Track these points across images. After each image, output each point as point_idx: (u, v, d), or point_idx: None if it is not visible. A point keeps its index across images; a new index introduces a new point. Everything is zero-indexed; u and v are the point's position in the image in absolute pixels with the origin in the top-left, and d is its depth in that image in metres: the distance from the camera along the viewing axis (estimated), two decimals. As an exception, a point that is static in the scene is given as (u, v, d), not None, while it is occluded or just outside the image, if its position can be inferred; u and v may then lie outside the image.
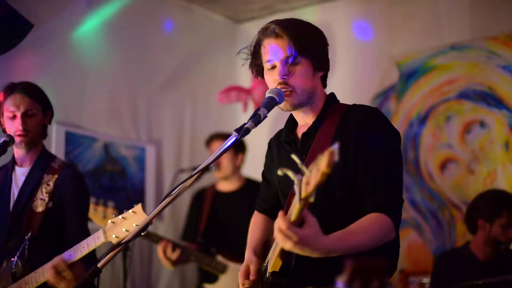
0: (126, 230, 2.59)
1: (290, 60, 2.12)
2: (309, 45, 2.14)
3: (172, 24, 5.23)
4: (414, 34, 4.92)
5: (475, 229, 3.61)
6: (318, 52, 2.19)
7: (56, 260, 2.68)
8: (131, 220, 2.60)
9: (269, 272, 2.14)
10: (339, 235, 1.94)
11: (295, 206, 1.73)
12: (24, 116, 2.97)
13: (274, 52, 2.15)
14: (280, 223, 1.77)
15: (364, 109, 2.21)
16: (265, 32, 2.18)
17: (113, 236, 2.60)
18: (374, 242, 2.01)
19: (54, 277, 2.66)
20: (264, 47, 2.19)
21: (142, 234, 2.67)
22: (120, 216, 2.63)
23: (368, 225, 2.02)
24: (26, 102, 2.98)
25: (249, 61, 2.28)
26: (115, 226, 2.63)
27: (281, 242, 1.81)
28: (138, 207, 2.63)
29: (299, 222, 1.80)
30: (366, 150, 2.10)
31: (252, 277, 2.26)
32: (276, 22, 2.17)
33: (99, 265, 2.10)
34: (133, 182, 4.85)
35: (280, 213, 1.82)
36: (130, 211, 2.63)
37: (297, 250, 1.82)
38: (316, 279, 2.14)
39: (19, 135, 2.97)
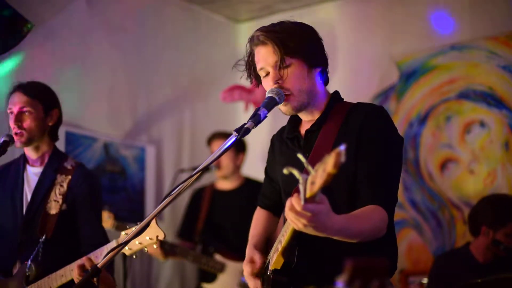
0: (139, 243, 2.60)
1: (279, 64, 2.12)
2: (296, 44, 2.13)
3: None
4: (414, 34, 4.92)
5: (477, 233, 3.58)
6: (308, 49, 2.17)
7: (84, 258, 2.65)
8: (145, 233, 2.62)
9: (270, 270, 2.14)
10: (346, 217, 1.93)
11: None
12: (19, 114, 2.94)
13: (264, 59, 2.16)
14: (293, 201, 1.70)
15: (368, 107, 2.21)
16: (252, 42, 2.20)
17: (127, 248, 2.61)
18: (374, 231, 2.01)
19: (80, 277, 2.62)
20: (255, 56, 2.20)
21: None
22: (133, 228, 2.64)
23: (370, 214, 2.02)
24: (22, 100, 2.95)
25: (247, 72, 2.30)
26: (127, 237, 2.64)
27: (293, 221, 1.74)
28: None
29: (316, 201, 1.71)
30: (367, 147, 2.10)
31: (259, 263, 2.24)
32: (260, 29, 2.18)
33: (99, 265, 2.09)
34: (133, 182, 4.85)
35: (295, 194, 1.74)
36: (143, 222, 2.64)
37: (308, 229, 1.75)
38: (317, 278, 2.14)
39: (15, 134, 2.93)
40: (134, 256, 2.69)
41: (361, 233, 1.96)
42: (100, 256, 2.69)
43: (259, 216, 2.52)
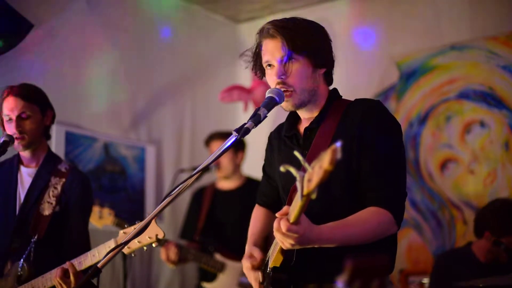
0: (138, 242, 2.63)
1: (285, 60, 2.12)
2: (305, 43, 2.13)
3: (169, 31, 5.22)
4: (414, 34, 4.92)
5: (480, 235, 3.58)
6: (316, 49, 2.17)
7: (68, 264, 2.70)
8: (144, 232, 2.62)
9: (270, 268, 2.14)
10: (332, 225, 1.97)
11: (297, 202, 1.73)
12: (19, 119, 2.95)
13: (270, 52, 2.16)
14: (280, 224, 1.82)
15: (366, 103, 2.21)
16: (262, 33, 2.20)
17: (126, 247, 2.61)
18: (370, 235, 2.03)
19: (60, 279, 2.67)
20: (262, 48, 2.20)
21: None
22: (132, 227, 2.65)
23: (366, 218, 2.04)
24: (20, 105, 2.95)
25: (252, 63, 2.29)
26: (127, 237, 2.65)
27: (281, 241, 1.87)
28: None
29: (299, 222, 1.81)
30: (368, 145, 2.10)
31: (258, 257, 2.25)
32: (271, 22, 2.18)
33: (99, 265, 2.09)
34: (133, 182, 4.85)
35: (278, 214, 1.87)
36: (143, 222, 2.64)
37: (295, 247, 1.88)
38: (317, 275, 2.15)
39: (16, 138, 2.95)
40: (133, 255, 2.71)
41: (351, 239, 1.99)
42: (83, 262, 2.74)
43: (257, 214, 2.53)
